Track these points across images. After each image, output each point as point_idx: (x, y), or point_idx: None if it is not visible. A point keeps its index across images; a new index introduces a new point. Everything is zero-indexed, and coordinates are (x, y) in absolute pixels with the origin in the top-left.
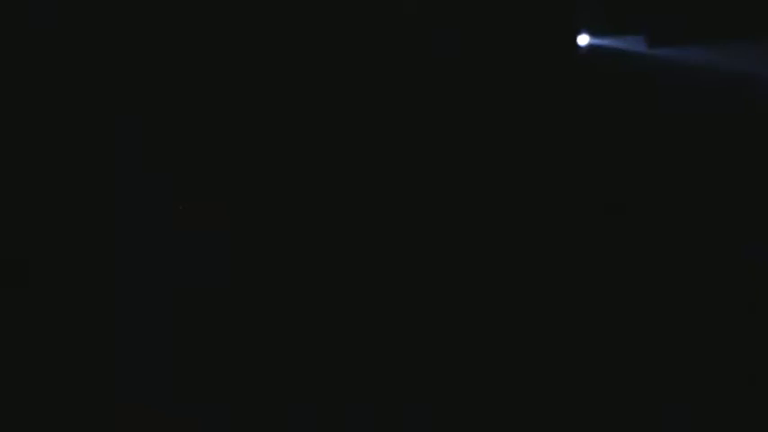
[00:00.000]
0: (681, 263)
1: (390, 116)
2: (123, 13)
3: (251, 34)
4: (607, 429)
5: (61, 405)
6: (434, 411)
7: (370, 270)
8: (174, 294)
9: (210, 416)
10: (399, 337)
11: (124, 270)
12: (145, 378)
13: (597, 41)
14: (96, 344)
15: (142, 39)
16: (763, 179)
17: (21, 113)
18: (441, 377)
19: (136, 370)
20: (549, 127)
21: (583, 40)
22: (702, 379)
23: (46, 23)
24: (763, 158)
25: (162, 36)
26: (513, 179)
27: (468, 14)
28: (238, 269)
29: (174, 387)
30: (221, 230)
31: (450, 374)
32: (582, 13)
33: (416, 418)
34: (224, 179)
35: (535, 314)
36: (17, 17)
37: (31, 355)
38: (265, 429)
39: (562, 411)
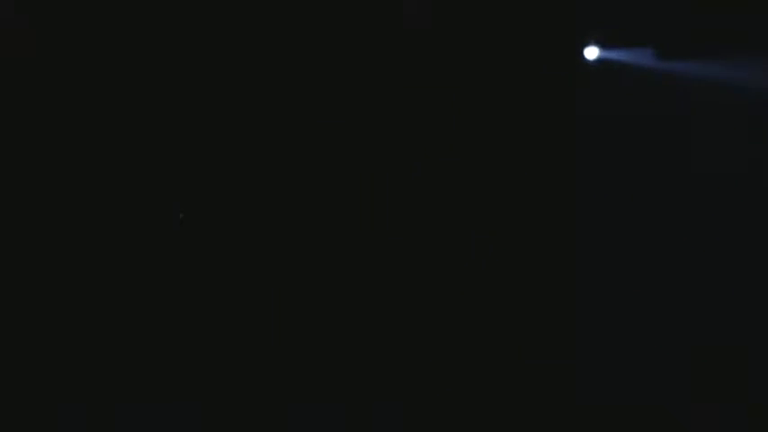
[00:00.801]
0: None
1: (389, 116)
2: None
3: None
4: None
5: None
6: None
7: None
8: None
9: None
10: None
11: None
12: None
13: (606, 54)
14: None
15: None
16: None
17: None
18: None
19: None
20: (558, 138)
21: (591, 53)
22: None
23: None
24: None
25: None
26: (518, 189)
27: (474, 24)
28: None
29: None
30: None
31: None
32: (590, 26)
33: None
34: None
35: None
36: None
37: None
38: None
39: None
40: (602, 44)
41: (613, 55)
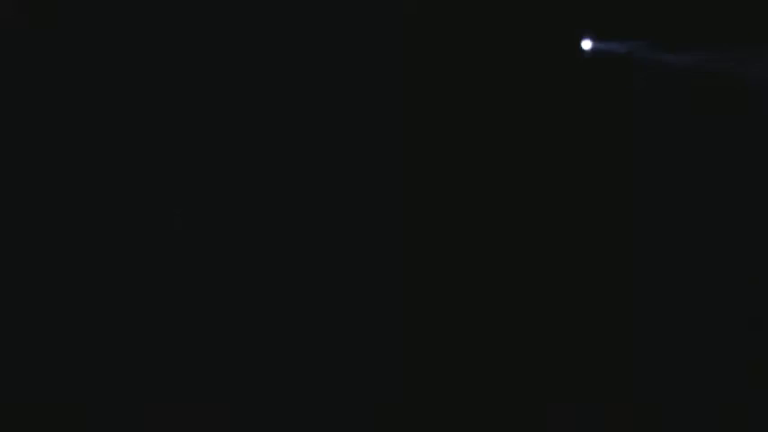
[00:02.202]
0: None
1: (389, 116)
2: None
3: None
4: None
5: None
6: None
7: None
8: None
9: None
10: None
11: None
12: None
13: (601, 46)
14: None
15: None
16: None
17: None
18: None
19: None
20: (552, 132)
21: (587, 44)
22: None
23: None
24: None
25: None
26: (513, 184)
27: (470, 18)
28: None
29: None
30: None
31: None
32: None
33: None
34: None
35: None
36: None
37: None
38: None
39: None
40: (597, 36)
41: (609, 47)
